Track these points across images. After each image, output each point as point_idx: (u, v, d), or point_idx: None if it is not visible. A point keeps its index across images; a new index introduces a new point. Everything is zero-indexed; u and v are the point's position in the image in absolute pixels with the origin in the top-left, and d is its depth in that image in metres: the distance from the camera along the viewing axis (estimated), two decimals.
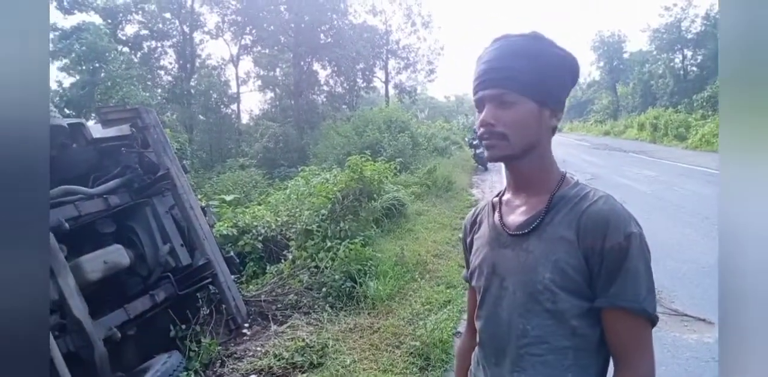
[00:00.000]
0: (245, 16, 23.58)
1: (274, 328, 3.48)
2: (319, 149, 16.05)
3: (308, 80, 24.06)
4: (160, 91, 24.74)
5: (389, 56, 28.44)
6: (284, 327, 3.50)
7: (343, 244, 4.59)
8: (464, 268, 1.22)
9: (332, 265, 4.33)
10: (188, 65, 24.90)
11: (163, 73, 25.78)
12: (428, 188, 9.47)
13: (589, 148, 21.71)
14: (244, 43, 25.70)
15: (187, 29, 24.63)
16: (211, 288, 3.57)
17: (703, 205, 7.42)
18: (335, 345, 3.22)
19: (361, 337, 3.41)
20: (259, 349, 3.17)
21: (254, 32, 24.52)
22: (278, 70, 27.26)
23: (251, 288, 4.35)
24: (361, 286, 4.10)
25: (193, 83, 25.14)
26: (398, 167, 8.05)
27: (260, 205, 7.18)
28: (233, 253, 4.36)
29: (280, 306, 3.86)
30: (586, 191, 0.95)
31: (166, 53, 25.34)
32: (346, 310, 3.89)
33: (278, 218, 5.74)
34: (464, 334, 1.28)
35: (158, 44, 24.97)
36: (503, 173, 1.08)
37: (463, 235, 1.21)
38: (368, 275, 4.27)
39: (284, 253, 4.94)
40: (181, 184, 3.37)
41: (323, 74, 25.21)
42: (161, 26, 24.46)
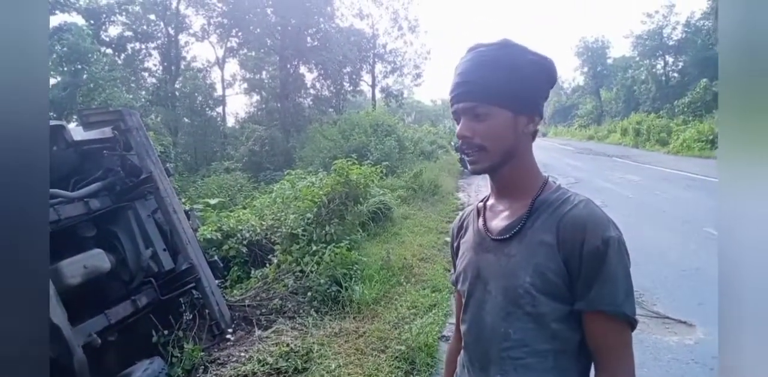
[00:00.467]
0: (231, 18, 23.45)
1: (258, 333, 3.45)
2: (305, 153, 16.01)
3: (294, 83, 23.98)
4: (144, 93, 24.51)
5: (376, 60, 28.54)
6: (269, 332, 3.47)
7: (328, 248, 4.57)
8: (451, 272, 1.23)
9: (317, 269, 4.31)
10: (173, 67, 24.68)
11: (147, 75, 25.54)
12: (414, 192, 9.50)
13: (573, 152, 22.02)
14: (229, 45, 25.60)
15: (172, 31, 24.42)
16: (194, 292, 3.53)
17: (684, 209, 7.56)
18: (320, 349, 3.20)
19: (346, 342, 3.40)
20: (243, 355, 3.14)
21: (240, 35, 24.40)
22: (264, 72, 27.16)
23: (235, 292, 4.30)
24: (346, 290, 4.08)
25: (177, 86, 24.91)
26: (384, 171, 8.05)
27: (245, 209, 7.12)
28: (217, 257, 4.32)
29: (264, 310, 3.83)
30: (566, 196, 0.97)
31: (150, 55, 25.11)
32: (331, 314, 3.87)
33: (263, 222, 5.70)
34: (453, 337, 1.29)
35: (142, 46, 24.73)
36: (488, 178, 1.10)
37: (450, 239, 1.22)
38: (354, 280, 4.26)
39: (269, 257, 4.91)
40: (164, 187, 3.33)
41: (310, 77, 25.19)
42: (145, 28, 24.22)
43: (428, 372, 3.06)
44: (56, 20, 19.67)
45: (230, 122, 27.97)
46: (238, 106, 64.33)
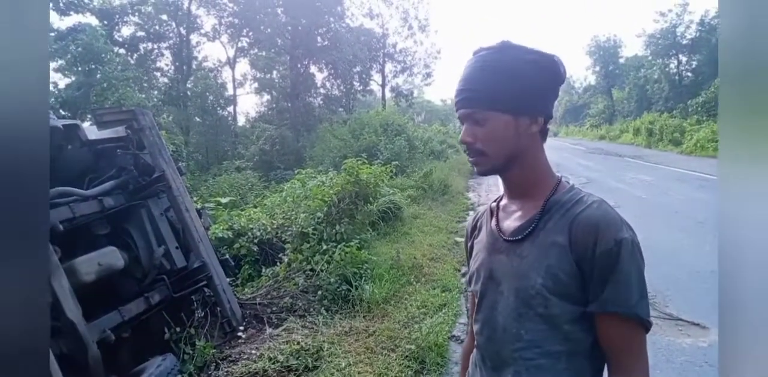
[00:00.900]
0: (242, 18, 23.61)
1: (269, 331, 3.47)
2: (315, 152, 16.05)
3: (305, 83, 24.05)
4: (156, 93, 24.72)
5: (386, 59, 28.53)
6: (279, 330, 3.48)
7: (338, 247, 4.59)
8: (464, 272, 1.23)
9: (328, 268, 4.33)
10: (185, 67, 24.90)
11: (159, 75, 25.78)
12: (424, 192, 9.49)
13: (584, 152, 21.83)
14: (240, 45, 25.76)
15: (183, 31, 24.65)
16: (206, 290, 3.56)
17: (698, 210, 7.46)
18: (330, 348, 3.21)
19: (356, 340, 3.40)
20: (254, 352, 3.15)
21: (251, 35, 24.55)
22: (275, 72, 27.27)
23: (246, 290, 4.33)
24: (356, 289, 4.09)
25: (189, 85, 25.12)
26: (394, 171, 8.04)
27: (256, 208, 7.15)
28: (228, 256, 4.35)
29: (275, 308, 3.85)
30: (580, 196, 0.96)
31: (162, 55, 25.35)
32: (341, 313, 3.88)
33: (274, 221, 5.73)
34: (467, 337, 1.29)
35: (155, 46, 24.98)
36: (499, 178, 1.10)
37: (464, 239, 1.23)
38: (364, 279, 4.26)
39: (280, 256, 4.93)
40: (176, 186, 3.36)
41: (320, 77, 25.25)
42: (158, 28, 24.46)
43: (438, 371, 3.06)
44: (71, 21, 20.03)
45: (241, 122, 28.18)
46: (248, 105, 64.51)
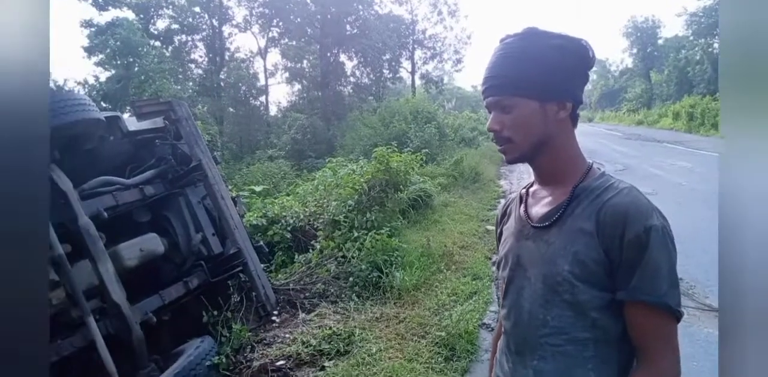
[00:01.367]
0: (272, 8, 23.74)
1: (302, 316, 3.56)
2: (345, 141, 16.12)
3: (335, 72, 24.10)
4: (191, 84, 25.28)
5: (415, 46, 28.15)
6: (312, 315, 3.57)
7: (369, 235, 4.63)
8: (494, 261, 1.24)
9: (359, 255, 4.38)
10: (218, 58, 25.29)
11: (193, 66, 26.25)
12: (455, 180, 9.42)
13: (620, 138, 21.11)
14: (271, 35, 25.90)
15: (216, 23, 24.98)
16: (241, 276, 3.67)
17: None
18: (362, 333, 3.27)
19: (387, 326, 3.46)
20: (287, 336, 3.25)
21: (281, 25, 24.67)
22: (305, 62, 27.36)
23: (280, 276, 4.44)
24: (387, 276, 4.13)
25: (222, 76, 25.54)
26: (425, 159, 8.01)
27: (289, 196, 7.27)
28: (263, 242, 4.47)
29: (308, 294, 3.94)
30: (610, 183, 0.95)
31: (196, 47, 25.78)
32: (372, 300, 3.94)
33: (306, 209, 5.82)
34: (498, 323, 1.30)
35: (188, 38, 25.41)
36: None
37: (495, 225, 1.24)
38: (394, 266, 4.30)
39: (312, 243, 5.02)
40: (212, 175, 3.46)
41: (350, 65, 25.21)
42: (191, 20, 24.88)
43: (468, 358, 3.08)
44: (108, 16, 20.57)
45: (273, 111, 28.45)
46: (280, 95, 65.33)
